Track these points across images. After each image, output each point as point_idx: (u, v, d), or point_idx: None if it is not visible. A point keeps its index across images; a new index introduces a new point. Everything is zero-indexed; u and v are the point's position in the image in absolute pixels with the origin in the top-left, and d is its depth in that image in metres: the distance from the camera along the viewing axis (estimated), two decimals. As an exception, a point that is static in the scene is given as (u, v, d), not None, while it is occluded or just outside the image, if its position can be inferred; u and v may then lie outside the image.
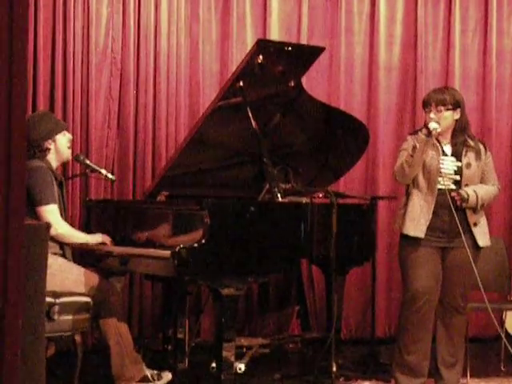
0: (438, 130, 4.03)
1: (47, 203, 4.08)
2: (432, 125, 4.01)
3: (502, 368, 4.85)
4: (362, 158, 5.18)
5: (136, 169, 5.38)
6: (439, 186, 4.10)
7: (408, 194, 4.20)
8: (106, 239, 4.26)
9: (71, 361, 3.99)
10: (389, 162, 5.44)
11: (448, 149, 4.20)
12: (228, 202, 4.23)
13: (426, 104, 4.16)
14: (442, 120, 4.11)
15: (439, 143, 4.16)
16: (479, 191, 4.14)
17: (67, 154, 4.34)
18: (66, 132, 4.33)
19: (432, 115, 4.11)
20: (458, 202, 4.10)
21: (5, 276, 1.98)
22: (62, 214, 4.19)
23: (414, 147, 4.03)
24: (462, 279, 4.17)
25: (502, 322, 5.40)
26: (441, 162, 4.12)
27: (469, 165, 4.17)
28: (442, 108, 4.12)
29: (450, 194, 4.07)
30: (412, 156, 4.03)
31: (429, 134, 4.01)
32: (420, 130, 4.17)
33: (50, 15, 5.14)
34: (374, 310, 5.20)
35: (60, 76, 5.17)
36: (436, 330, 4.27)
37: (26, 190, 2.09)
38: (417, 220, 4.11)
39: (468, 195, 4.09)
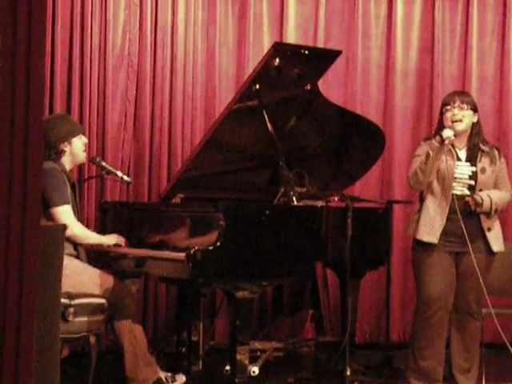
0: (452, 138, 4.01)
1: (61, 204, 4.09)
2: (446, 133, 4.00)
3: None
4: (378, 161, 5.16)
5: (152, 171, 5.39)
6: (453, 191, 4.09)
7: (422, 200, 4.19)
8: (121, 240, 4.27)
9: (85, 362, 3.99)
10: (405, 166, 5.42)
11: (463, 154, 4.19)
12: (243, 204, 4.23)
13: (449, 102, 4.14)
14: (465, 118, 4.11)
15: (454, 148, 4.15)
16: (493, 196, 4.12)
17: (82, 157, 4.35)
18: (82, 135, 4.34)
19: (456, 111, 4.10)
20: (473, 207, 4.09)
21: (20, 277, 1.99)
22: (75, 216, 4.20)
23: (428, 155, 4.01)
24: (475, 284, 4.15)
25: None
26: (455, 167, 4.11)
27: (483, 170, 4.15)
28: (467, 106, 4.12)
29: (462, 200, 4.06)
30: (426, 163, 4.02)
31: (442, 142, 4.00)
32: (434, 136, 4.16)
33: (67, 18, 5.16)
34: (388, 315, 5.18)
35: (77, 78, 5.19)
36: (450, 335, 4.25)
37: (41, 193, 2.10)
38: (431, 225, 4.10)
39: (482, 200, 4.08)
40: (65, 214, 4.09)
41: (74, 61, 5.18)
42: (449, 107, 4.14)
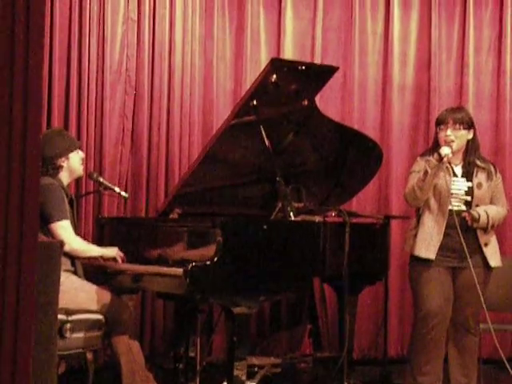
0: (450, 156, 4.02)
1: (60, 219, 4.09)
2: (444, 150, 4.01)
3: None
4: (375, 177, 5.17)
5: (149, 186, 5.39)
6: (450, 207, 4.09)
7: (419, 216, 4.20)
8: (120, 255, 4.26)
9: (82, 378, 3.98)
10: (402, 182, 5.42)
11: (458, 169, 4.20)
12: (240, 220, 4.23)
13: (442, 121, 4.15)
14: (458, 138, 4.12)
15: (449, 164, 4.15)
16: (490, 212, 4.13)
17: (79, 171, 4.35)
18: (79, 150, 4.34)
19: (449, 132, 4.11)
20: (470, 222, 4.09)
21: (17, 293, 1.99)
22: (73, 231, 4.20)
23: (426, 172, 4.02)
24: (473, 299, 4.14)
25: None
26: (452, 183, 4.11)
27: (480, 185, 4.16)
28: (460, 126, 4.13)
29: (459, 215, 4.06)
30: (424, 180, 4.03)
31: (440, 159, 4.00)
32: (430, 152, 4.17)
33: (65, 34, 5.18)
34: (386, 330, 5.17)
35: (75, 93, 5.20)
36: (448, 350, 4.24)
37: (38, 209, 2.10)
38: (428, 241, 4.11)
39: (479, 215, 4.09)
40: (64, 229, 4.09)
41: (72, 77, 5.19)
42: (442, 127, 4.15)
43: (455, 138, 4.12)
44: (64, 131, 4.64)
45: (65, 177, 4.26)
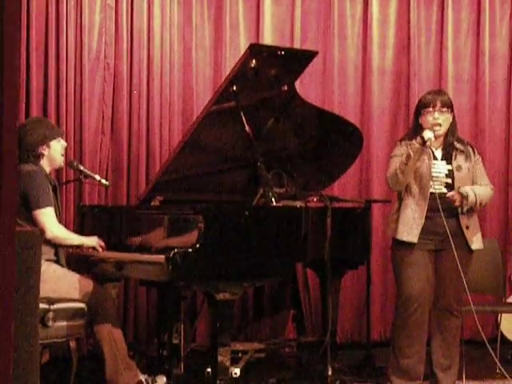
0: (433, 140, 4.03)
1: (44, 206, 4.07)
2: (427, 134, 4.01)
3: (497, 370, 4.84)
4: (356, 161, 5.18)
5: (130, 174, 5.38)
6: (431, 190, 4.11)
7: (400, 199, 4.20)
8: (100, 244, 4.25)
9: (66, 367, 3.98)
10: (383, 166, 5.44)
11: (438, 153, 4.21)
12: (222, 206, 4.23)
13: (428, 104, 4.13)
14: (444, 122, 4.12)
15: (430, 147, 4.16)
16: (477, 190, 4.15)
17: (60, 161, 4.32)
18: (61, 139, 4.32)
19: (437, 115, 4.10)
20: (458, 202, 4.09)
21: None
22: (57, 218, 4.18)
23: (409, 156, 4.02)
24: (455, 282, 4.17)
25: (497, 325, 5.41)
26: (432, 166, 4.12)
27: (459, 167, 4.17)
28: (447, 109, 4.14)
29: (441, 198, 4.07)
30: (406, 164, 4.03)
31: (424, 143, 4.01)
32: (411, 135, 4.17)
33: (42, 22, 5.14)
34: (369, 314, 5.20)
35: (53, 81, 5.16)
36: (431, 333, 4.27)
37: (17, 196, 2.08)
38: (410, 225, 4.12)
39: (467, 193, 4.09)
40: (48, 215, 4.08)
41: (50, 65, 5.15)
42: (430, 109, 4.13)
43: (442, 122, 4.12)
44: (45, 119, 4.62)
45: (46, 165, 4.24)
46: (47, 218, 4.07)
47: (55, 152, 4.26)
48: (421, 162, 4.09)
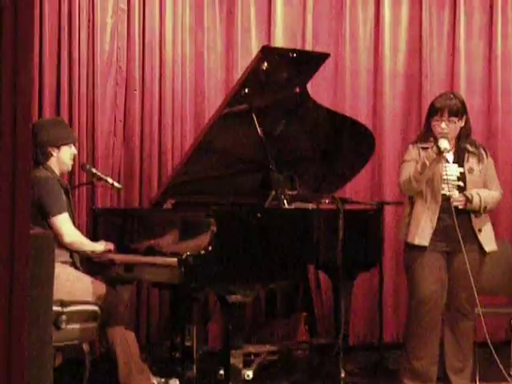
0: (449, 149, 4.03)
1: (59, 213, 4.07)
2: (443, 144, 4.00)
3: (511, 373, 4.82)
4: (368, 163, 5.18)
5: (142, 177, 5.38)
6: (443, 192, 4.10)
7: (412, 203, 4.20)
8: (109, 246, 4.25)
9: (79, 370, 3.99)
10: (395, 168, 5.42)
11: (450, 155, 4.20)
12: (234, 209, 4.23)
13: (438, 111, 4.13)
14: (452, 131, 4.11)
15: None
16: (482, 193, 4.14)
17: (69, 165, 4.31)
18: (73, 146, 4.31)
19: (443, 125, 4.10)
20: (462, 205, 4.09)
21: (10, 286, 1.99)
22: (72, 221, 4.19)
23: (424, 164, 4.02)
24: (467, 284, 4.15)
25: (510, 327, 5.38)
26: (444, 169, 4.11)
27: (471, 170, 4.17)
28: (455, 119, 4.12)
29: (450, 200, 4.06)
30: (421, 173, 4.03)
31: (440, 153, 4.00)
32: (421, 138, 4.17)
33: (55, 25, 5.15)
34: (381, 316, 5.19)
35: (66, 85, 5.17)
36: (443, 335, 4.26)
37: (30, 201, 2.09)
38: (422, 228, 4.11)
39: (472, 196, 4.09)
40: (64, 221, 4.09)
41: (63, 68, 5.16)
42: (437, 118, 4.13)
43: (450, 132, 4.11)
44: (63, 122, 4.55)
45: (54, 166, 4.23)
46: (64, 224, 4.08)
47: (64, 156, 4.25)
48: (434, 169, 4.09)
